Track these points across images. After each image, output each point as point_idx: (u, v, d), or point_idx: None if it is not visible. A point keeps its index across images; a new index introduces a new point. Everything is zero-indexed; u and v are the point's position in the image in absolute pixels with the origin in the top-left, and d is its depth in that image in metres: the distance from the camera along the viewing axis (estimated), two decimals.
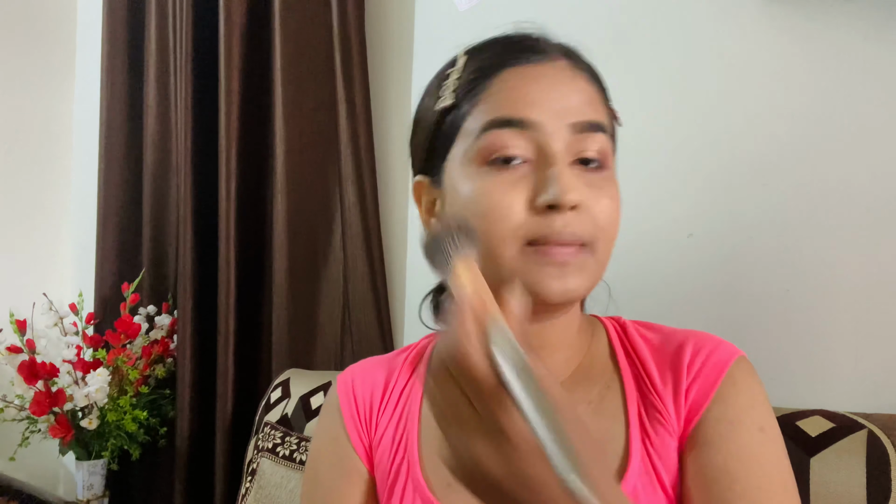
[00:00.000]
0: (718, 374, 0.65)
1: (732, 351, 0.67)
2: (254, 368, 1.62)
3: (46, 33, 2.06)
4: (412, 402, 0.71)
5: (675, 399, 0.65)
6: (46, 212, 2.08)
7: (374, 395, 0.73)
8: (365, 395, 0.73)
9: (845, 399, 0.95)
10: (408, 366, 0.75)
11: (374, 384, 0.74)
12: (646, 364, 0.68)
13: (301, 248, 1.54)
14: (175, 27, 1.73)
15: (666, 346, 0.68)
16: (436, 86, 0.67)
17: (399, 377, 0.74)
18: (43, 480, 1.91)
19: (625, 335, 0.72)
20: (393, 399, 0.73)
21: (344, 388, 0.74)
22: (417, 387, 0.72)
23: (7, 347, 1.62)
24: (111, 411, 1.58)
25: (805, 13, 1.04)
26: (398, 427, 0.71)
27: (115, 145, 1.90)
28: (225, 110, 1.56)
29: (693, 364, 0.66)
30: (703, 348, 0.66)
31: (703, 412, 0.63)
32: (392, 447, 0.70)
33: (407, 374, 0.74)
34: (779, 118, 1.07)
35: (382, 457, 0.70)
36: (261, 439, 1.33)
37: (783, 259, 1.05)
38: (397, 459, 0.69)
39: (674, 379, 0.66)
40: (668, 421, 0.64)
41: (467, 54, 0.65)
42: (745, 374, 0.66)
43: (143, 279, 1.82)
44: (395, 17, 1.53)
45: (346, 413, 0.73)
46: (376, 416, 0.72)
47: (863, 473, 0.82)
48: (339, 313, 1.54)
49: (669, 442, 0.64)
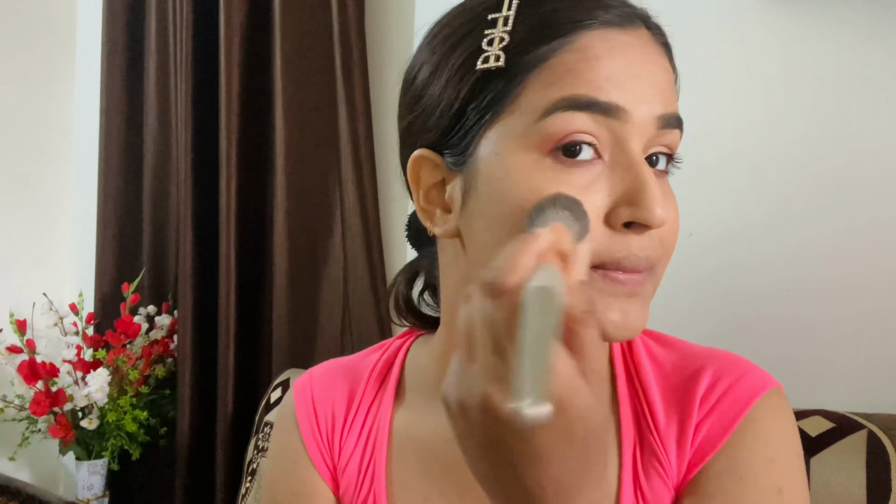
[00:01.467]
0: (738, 412, 0.52)
1: (762, 383, 0.53)
2: (254, 368, 1.62)
3: (46, 33, 2.06)
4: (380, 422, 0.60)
5: (678, 442, 0.53)
6: (46, 212, 2.08)
7: (337, 412, 0.61)
8: (326, 411, 0.62)
9: (845, 399, 0.95)
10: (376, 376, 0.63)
11: (337, 399, 0.62)
12: (649, 395, 0.55)
13: (301, 248, 1.54)
14: (175, 27, 1.73)
15: (679, 372, 0.56)
16: (466, 31, 0.49)
17: (366, 391, 0.62)
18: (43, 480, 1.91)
19: (630, 354, 0.58)
20: (359, 418, 0.61)
21: (301, 399, 0.63)
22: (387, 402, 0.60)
23: (7, 347, 1.62)
24: (111, 411, 1.58)
25: (805, 13, 1.04)
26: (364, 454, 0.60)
27: (114, 145, 1.90)
28: (225, 110, 1.56)
29: (708, 398, 0.53)
30: (724, 378, 0.53)
31: (708, 459, 0.52)
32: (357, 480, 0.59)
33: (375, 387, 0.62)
34: (779, 118, 1.07)
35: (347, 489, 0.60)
36: (261, 439, 1.33)
37: (783, 259, 1.05)
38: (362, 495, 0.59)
39: (680, 416, 0.53)
40: (666, 471, 0.52)
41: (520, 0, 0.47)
42: (773, 414, 0.53)
43: (143, 279, 1.81)
44: (395, 17, 1.52)
45: (306, 430, 0.61)
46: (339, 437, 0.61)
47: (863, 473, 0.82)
48: (339, 313, 1.54)
49: (664, 494, 0.52)
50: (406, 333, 0.66)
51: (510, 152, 0.47)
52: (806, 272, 1.03)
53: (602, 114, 0.45)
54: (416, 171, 0.53)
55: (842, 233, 1.01)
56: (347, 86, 1.48)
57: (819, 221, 1.03)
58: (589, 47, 0.45)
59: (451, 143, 0.50)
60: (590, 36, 0.46)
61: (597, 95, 0.45)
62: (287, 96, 1.51)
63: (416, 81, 0.54)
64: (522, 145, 0.46)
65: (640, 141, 0.46)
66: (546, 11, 0.47)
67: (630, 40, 0.47)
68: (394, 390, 0.61)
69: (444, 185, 0.52)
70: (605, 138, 0.46)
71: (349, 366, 0.65)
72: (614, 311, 0.46)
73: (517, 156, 0.46)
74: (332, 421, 0.61)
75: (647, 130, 0.46)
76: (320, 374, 0.64)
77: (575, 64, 0.45)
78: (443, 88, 0.50)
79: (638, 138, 0.46)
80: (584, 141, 0.45)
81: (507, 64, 0.46)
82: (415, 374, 0.62)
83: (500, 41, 0.46)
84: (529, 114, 0.46)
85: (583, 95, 0.44)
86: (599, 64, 0.45)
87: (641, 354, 0.58)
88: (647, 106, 0.46)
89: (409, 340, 0.65)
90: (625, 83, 0.45)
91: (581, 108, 0.44)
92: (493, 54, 0.46)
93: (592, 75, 0.45)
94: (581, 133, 0.45)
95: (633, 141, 0.46)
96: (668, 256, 0.50)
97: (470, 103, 0.48)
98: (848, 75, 1.01)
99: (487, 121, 0.48)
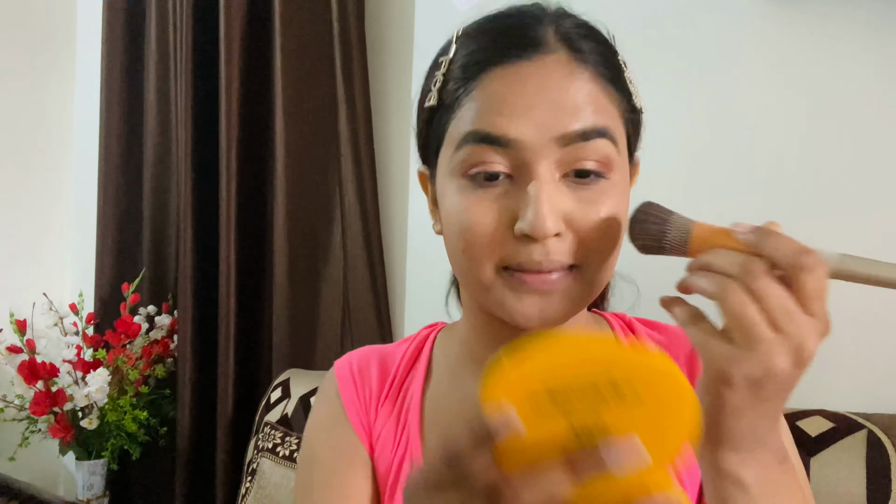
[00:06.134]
0: None
1: None
2: (254, 368, 1.62)
3: (46, 33, 2.06)
4: (413, 396, 0.67)
5: None
6: (46, 212, 2.08)
7: (374, 384, 0.69)
8: (364, 383, 0.69)
9: (845, 399, 0.95)
10: (408, 357, 0.70)
11: (374, 374, 0.70)
12: None
13: (301, 248, 1.54)
14: (175, 27, 1.73)
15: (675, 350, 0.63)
16: (429, 73, 0.60)
17: (400, 368, 0.70)
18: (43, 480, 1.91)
19: (632, 334, 0.67)
20: (393, 391, 0.69)
21: (342, 374, 0.70)
22: (418, 379, 0.68)
23: (7, 347, 1.62)
24: (111, 411, 1.58)
25: (805, 13, 1.04)
26: (399, 421, 0.67)
27: (114, 145, 1.90)
28: (225, 110, 1.56)
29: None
30: None
31: None
32: (394, 442, 0.66)
33: (408, 365, 0.70)
34: (779, 118, 1.07)
35: (384, 451, 0.67)
36: (261, 439, 1.33)
37: None
38: (398, 456, 0.66)
39: None
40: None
41: (458, 41, 0.58)
42: None
43: (143, 279, 1.82)
44: (395, 17, 1.53)
45: (346, 398, 0.69)
46: (376, 406, 0.68)
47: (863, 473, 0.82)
48: (339, 313, 1.55)
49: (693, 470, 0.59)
50: (432, 325, 0.75)
51: (443, 175, 0.57)
52: None
53: (498, 145, 0.52)
54: (422, 181, 0.65)
55: (842, 232, 1.01)
56: (347, 86, 1.48)
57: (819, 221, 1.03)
58: (492, 83, 0.53)
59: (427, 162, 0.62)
60: (496, 73, 0.53)
61: (490, 130, 0.52)
62: (287, 96, 1.51)
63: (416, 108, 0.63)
64: (448, 170, 0.56)
65: (546, 161, 0.52)
66: (466, 54, 0.56)
67: (535, 70, 0.53)
68: (424, 370, 0.69)
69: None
70: (508, 162, 0.52)
71: (384, 350, 0.73)
72: (530, 307, 0.54)
73: (446, 178, 0.56)
74: (370, 392, 0.69)
75: (550, 151, 0.52)
76: (359, 356, 0.72)
77: (481, 100, 0.53)
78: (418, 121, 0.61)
79: (543, 159, 0.52)
80: (488, 170, 0.53)
81: (441, 101, 0.56)
82: (442, 356, 0.69)
83: (439, 83, 0.56)
84: (452, 143, 0.55)
85: (480, 131, 0.52)
86: (497, 100, 0.52)
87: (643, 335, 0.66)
88: (543, 131, 0.51)
89: (436, 329, 0.73)
90: (519, 115, 0.52)
91: (480, 142, 0.52)
92: (433, 93, 0.57)
93: (492, 111, 0.52)
94: (484, 163, 0.53)
95: (536, 162, 0.52)
96: (601, 255, 0.55)
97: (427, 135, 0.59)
98: (849, 75, 1.01)
99: (437, 147, 0.58)
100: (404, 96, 1.51)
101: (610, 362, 0.33)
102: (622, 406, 0.33)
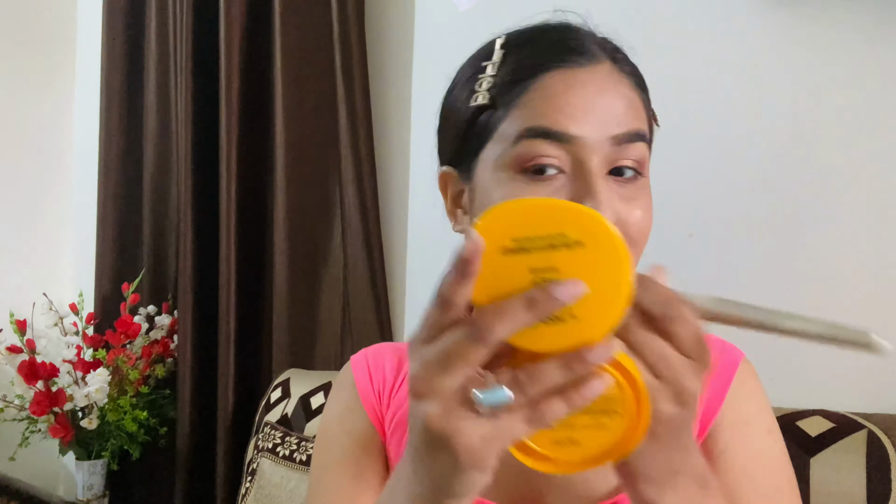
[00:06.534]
0: (728, 379, 0.65)
1: (738, 352, 0.67)
2: (254, 368, 1.62)
3: (46, 33, 2.06)
4: None
5: None
6: (46, 212, 2.08)
7: (388, 375, 0.73)
8: (379, 373, 0.74)
9: (845, 399, 0.95)
10: None
11: (389, 365, 0.74)
12: None
13: (301, 248, 1.54)
14: (175, 27, 1.73)
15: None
16: (469, 76, 0.63)
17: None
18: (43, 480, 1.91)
19: None
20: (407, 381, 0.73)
21: (357, 365, 0.75)
22: None
23: (7, 347, 1.62)
24: (111, 411, 1.58)
25: (805, 13, 1.04)
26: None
27: (114, 145, 1.90)
28: (225, 110, 1.56)
29: None
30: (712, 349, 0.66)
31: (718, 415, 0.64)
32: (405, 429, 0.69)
33: None
34: (779, 118, 1.07)
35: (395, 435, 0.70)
36: (261, 439, 1.33)
37: (783, 259, 1.05)
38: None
39: None
40: None
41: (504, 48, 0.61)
42: (752, 375, 0.67)
43: (143, 279, 1.82)
44: (395, 17, 1.53)
45: (361, 388, 0.73)
46: (389, 395, 0.72)
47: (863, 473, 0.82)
48: (339, 313, 1.55)
49: None
50: None
51: (494, 170, 0.59)
52: (806, 272, 1.03)
53: (557, 140, 0.56)
54: (443, 182, 0.67)
55: (842, 232, 1.01)
56: (347, 86, 1.48)
57: (819, 221, 1.03)
58: (551, 85, 0.57)
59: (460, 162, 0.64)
60: (553, 76, 0.57)
61: (552, 126, 0.56)
62: (287, 96, 1.51)
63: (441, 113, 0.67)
64: (502, 164, 0.58)
65: (597, 158, 0.56)
66: (520, 58, 0.60)
67: (588, 76, 0.58)
68: None
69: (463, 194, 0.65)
70: (564, 158, 0.56)
71: (397, 346, 0.78)
72: None
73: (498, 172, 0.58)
74: (383, 382, 0.73)
75: (602, 149, 0.56)
76: (373, 349, 0.77)
77: (539, 100, 0.57)
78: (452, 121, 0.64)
79: (595, 156, 0.56)
80: (545, 163, 0.56)
81: (491, 102, 0.59)
82: None
83: (486, 83, 0.60)
84: (506, 140, 0.58)
85: (541, 126, 0.56)
86: (557, 99, 0.57)
87: None
88: (599, 131, 0.56)
89: None
90: (579, 114, 0.56)
91: (541, 136, 0.56)
92: (482, 94, 0.60)
93: (550, 110, 0.56)
94: (542, 156, 0.56)
95: (589, 159, 0.56)
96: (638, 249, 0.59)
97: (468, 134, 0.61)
98: (848, 75, 1.01)
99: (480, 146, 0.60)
100: (404, 96, 1.51)
101: (563, 217, 0.40)
102: (572, 253, 0.40)
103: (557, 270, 0.40)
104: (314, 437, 1.27)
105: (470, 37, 0.67)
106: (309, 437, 1.28)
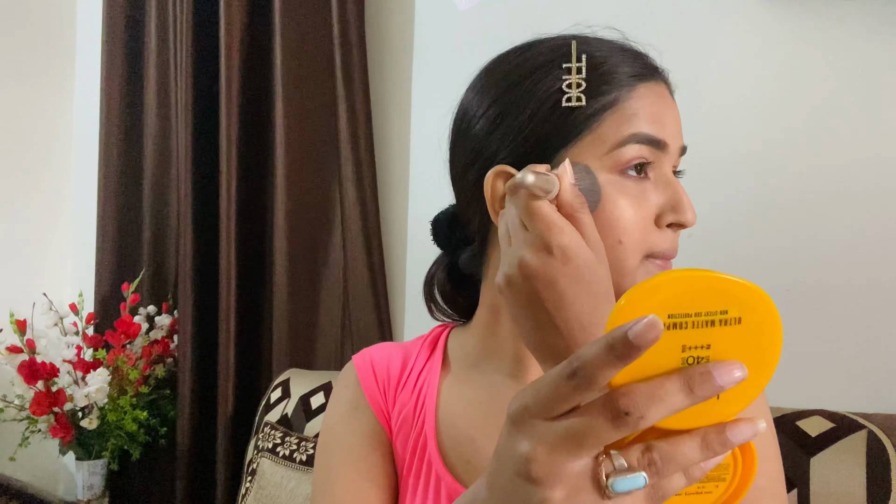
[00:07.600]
0: None
1: None
2: (254, 368, 1.63)
3: (46, 33, 2.06)
4: (430, 383, 0.72)
5: None
6: (46, 212, 2.08)
7: (392, 372, 0.74)
8: (383, 371, 0.74)
9: (845, 399, 0.95)
10: (425, 349, 0.75)
11: (392, 363, 0.75)
12: None
13: (301, 248, 1.54)
14: (175, 28, 1.73)
15: None
16: (544, 74, 0.62)
17: (417, 359, 0.75)
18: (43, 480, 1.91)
19: None
20: (412, 379, 0.73)
21: (362, 363, 0.75)
22: (435, 369, 0.73)
23: (7, 347, 1.62)
24: (111, 411, 1.58)
25: (805, 13, 1.04)
26: (416, 405, 0.71)
27: (114, 145, 1.90)
28: (225, 111, 1.56)
29: None
30: None
31: None
32: (411, 426, 0.70)
33: (425, 356, 0.75)
34: (779, 118, 1.07)
35: (401, 434, 0.71)
36: (261, 439, 1.33)
37: (783, 259, 1.05)
38: (413, 436, 0.70)
39: None
40: None
41: (586, 53, 0.62)
42: None
43: (143, 279, 1.82)
44: (395, 17, 1.53)
45: (366, 385, 0.73)
46: (394, 391, 0.73)
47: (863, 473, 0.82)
48: (339, 313, 1.55)
49: None
50: (442, 326, 0.79)
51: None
52: (806, 272, 1.03)
53: (655, 146, 0.60)
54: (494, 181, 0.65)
55: (842, 233, 1.01)
56: (347, 86, 1.48)
57: (819, 221, 1.03)
58: (645, 96, 0.61)
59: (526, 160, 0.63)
60: (644, 86, 0.62)
61: (655, 134, 0.60)
62: (287, 96, 1.51)
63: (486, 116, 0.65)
64: (601, 166, 0.60)
65: (670, 164, 0.63)
66: (611, 65, 0.62)
67: (662, 90, 0.63)
68: (440, 361, 0.74)
69: None
70: (657, 164, 0.61)
71: (400, 345, 0.78)
72: None
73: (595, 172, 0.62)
74: (388, 379, 0.74)
75: (674, 157, 0.63)
76: (377, 348, 0.77)
77: (639, 109, 0.60)
78: (527, 120, 0.62)
79: (669, 163, 0.63)
80: (645, 163, 0.61)
81: (588, 103, 0.61)
82: (458, 350, 0.74)
83: (578, 86, 0.61)
84: (606, 142, 0.60)
85: (647, 134, 0.60)
86: (653, 109, 0.61)
87: None
88: (676, 140, 0.63)
89: (447, 329, 0.78)
90: (666, 124, 0.62)
91: (644, 142, 0.60)
92: (575, 95, 0.61)
93: (650, 118, 0.61)
94: (642, 159, 0.60)
95: (667, 165, 0.62)
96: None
97: (553, 132, 0.62)
98: (848, 75, 1.01)
99: (564, 144, 0.61)
100: (404, 96, 1.51)
101: (732, 294, 0.37)
102: (729, 330, 0.36)
103: (710, 348, 0.36)
104: (314, 437, 1.27)
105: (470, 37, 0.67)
106: (309, 437, 1.28)
